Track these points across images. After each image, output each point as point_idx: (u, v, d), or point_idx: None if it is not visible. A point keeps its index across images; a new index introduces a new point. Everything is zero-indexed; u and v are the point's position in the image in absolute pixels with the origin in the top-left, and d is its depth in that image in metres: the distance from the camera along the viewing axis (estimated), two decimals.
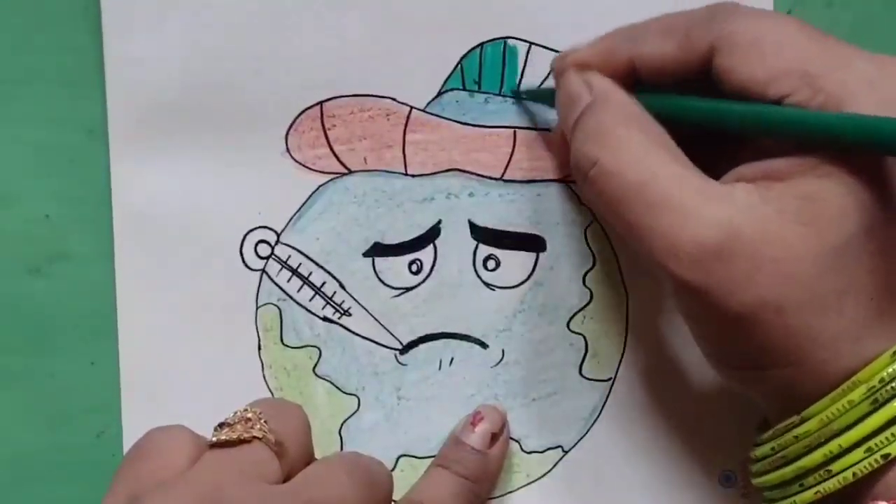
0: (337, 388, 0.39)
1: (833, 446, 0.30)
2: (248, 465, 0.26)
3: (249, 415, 0.27)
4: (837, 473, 0.30)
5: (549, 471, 0.39)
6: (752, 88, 0.30)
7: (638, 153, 0.31)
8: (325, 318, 0.39)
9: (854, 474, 0.30)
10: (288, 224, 0.39)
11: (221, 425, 0.27)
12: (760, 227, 0.29)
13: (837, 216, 0.29)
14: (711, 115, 0.32)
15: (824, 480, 0.30)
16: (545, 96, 0.37)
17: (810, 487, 0.31)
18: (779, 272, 0.29)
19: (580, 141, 0.33)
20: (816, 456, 0.31)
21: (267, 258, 0.39)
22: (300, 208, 0.39)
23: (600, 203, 0.32)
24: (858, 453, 0.30)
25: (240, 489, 0.25)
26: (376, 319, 0.39)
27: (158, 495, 0.24)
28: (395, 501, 0.35)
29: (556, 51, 0.38)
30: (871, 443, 0.30)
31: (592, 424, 0.39)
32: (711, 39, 0.31)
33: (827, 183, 0.29)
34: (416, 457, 0.39)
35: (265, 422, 0.27)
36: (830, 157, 0.30)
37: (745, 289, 0.30)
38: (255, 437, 0.26)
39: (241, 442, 0.26)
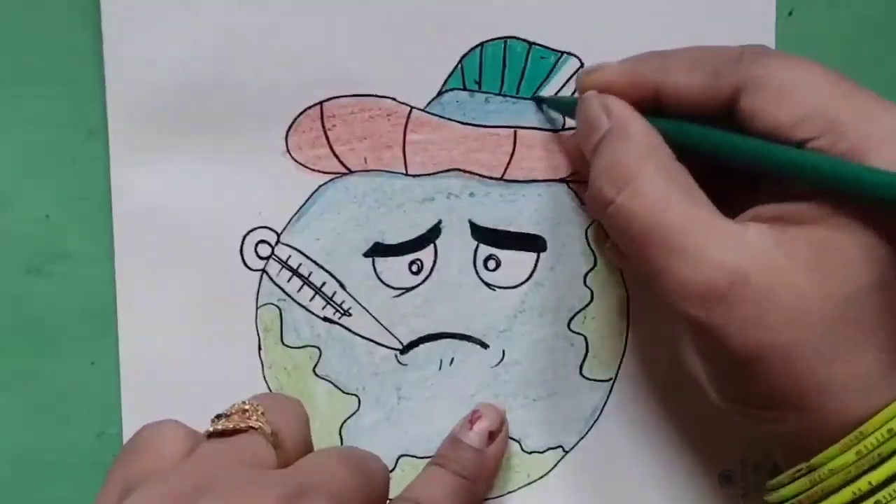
0: (337, 388, 0.39)
1: (841, 497, 0.30)
2: (244, 454, 0.26)
3: (246, 406, 0.27)
4: None
5: (549, 471, 0.39)
6: (776, 131, 0.31)
7: (654, 196, 0.31)
8: (325, 319, 0.39)
9: None
10: (288, 224, 0.39)
11: (219, 416, 0.27)
12: (770, 272, 0.30)
13: (849, 267, 0.29)
14: (732, 149, 0.32)
15: None
16: (566, 106, 0.37)
17: None
18: (786, 318, 0.29)
19: (598, 175, 0.33)
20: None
21: (267, 258, 0.39)
22: (300, 208, 0.39)
23: (616, 237, 0.33)
24: None
25: (234, 473, 0.25)
26: (376, 320, 0.39)
27: (152, 484, 0.24)
28: (391, 500, 0.35)
29: (557, 51, 0.38)
30: (879, 496, 0.29)
31: (593, 424, 0.39)
32: (740, 79, 0.31)
33: (841, 232, 0.30)
34: (416, 457, 0.39)
35: (262, 413, 0.27)
36: (847, 207, 0.30)
37: (751, 331, 0.30)
38: (251, 428, 0.26)
39: (237, 432, 0.26)
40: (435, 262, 0.39)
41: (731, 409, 0.33)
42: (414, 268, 0.39)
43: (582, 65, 0.38)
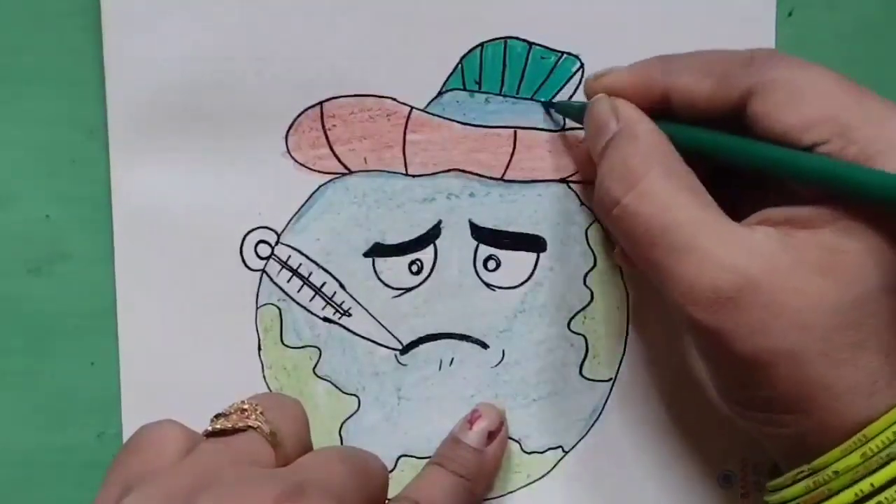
0: (337, 388, 0.39)
1: (844, 498, 0.30)
2: (243, 453, 0.26)
3: (245, 406, 0.27)
4: None
5: (549, 471, 0.39)
6: (785, 135, 0.31)
7: (661, 197, 0.31)
8: (325, 319, 0.39)
9: None
10: (288, 224, 0.39)
11: (218, 416, 0.27)
12: (778, 276, 0.30)
13: (857, 270, 0.29)
14: (741, 152, 0.32)
15: None
16: (575, 111, 0.37)
17: None
18: (794, 322, 0.29)
19: (605, 176, 0.33)
20: None
21: (267, 258, 0.39)
22: (300, 208, 0.39)
23: (622, 239, 0.33)
24: None
25: (233, 472, 0.25)
26: (376, 320, 0.39)
27: (151, 483, 0.24)
28: (390, 500, 0.35)
29: (557, 51, 0.38)
30: (881, 496, 0.29)
31: (592, 425, 0.39)
32: (749, 83, 0.31)
33: (849, 236, 0.30)
34: (416, 457, 0.39)
35: (261, 413, 0.27)
36: (855, 211, 0.30)
37: (759, 335, 0.30)
38: (250, 427, 0.26)
39: (236, 431, 0.26)
40: (435, 262, 0.39)
41: (733, 411, 0.33)
42: (414, 268, 0.39)
43: (582, 65, 0.38)
